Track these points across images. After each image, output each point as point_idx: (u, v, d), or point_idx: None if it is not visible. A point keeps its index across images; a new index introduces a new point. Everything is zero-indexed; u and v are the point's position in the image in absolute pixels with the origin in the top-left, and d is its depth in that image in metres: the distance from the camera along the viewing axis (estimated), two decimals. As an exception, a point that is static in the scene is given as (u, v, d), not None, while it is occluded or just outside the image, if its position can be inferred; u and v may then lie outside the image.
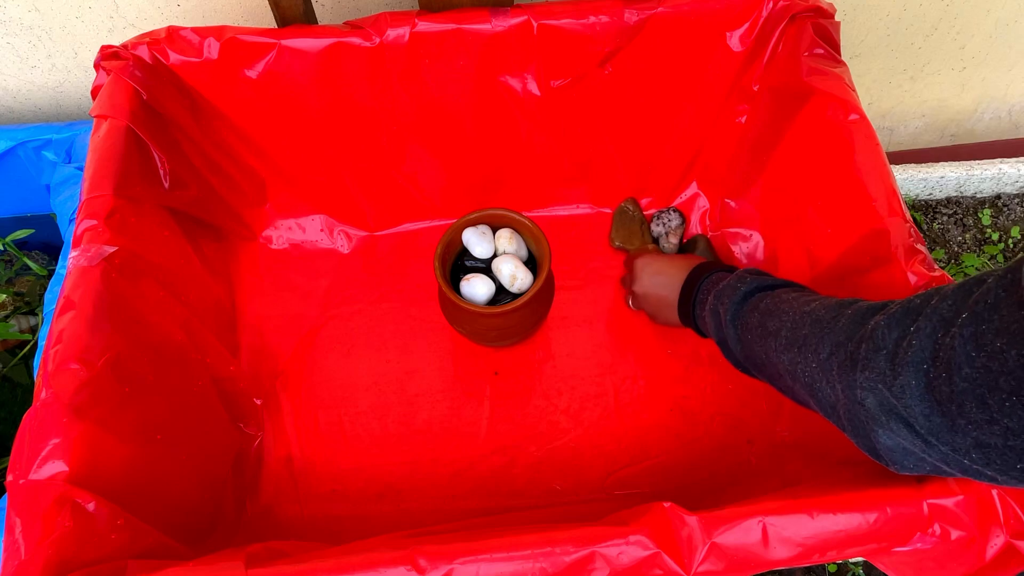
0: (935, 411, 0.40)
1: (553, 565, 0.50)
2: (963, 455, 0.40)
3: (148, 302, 0.68)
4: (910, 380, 0.41)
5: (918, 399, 0.40)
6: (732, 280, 0.65)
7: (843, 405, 0.48)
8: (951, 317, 0.39)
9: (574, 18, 0.75)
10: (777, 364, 0.56)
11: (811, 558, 0.51)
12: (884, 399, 0.43)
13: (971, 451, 0.39)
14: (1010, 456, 0.37)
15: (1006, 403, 0.35)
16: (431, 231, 0.95)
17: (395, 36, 0.74)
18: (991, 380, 0.36)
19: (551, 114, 0.84)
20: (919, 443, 0.42)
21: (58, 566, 0.50)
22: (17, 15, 0.84)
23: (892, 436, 0.44)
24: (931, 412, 0.40)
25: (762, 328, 0.58)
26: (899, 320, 0.43)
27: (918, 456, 0.44)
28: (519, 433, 0.83)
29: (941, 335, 0.39)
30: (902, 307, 0.44)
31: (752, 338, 0.59)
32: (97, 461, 0.55)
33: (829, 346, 0.49)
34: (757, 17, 0.76)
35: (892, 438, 0.44)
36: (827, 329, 0.50)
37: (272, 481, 0.80)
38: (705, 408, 0.84)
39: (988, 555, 0.52)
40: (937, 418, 0.40)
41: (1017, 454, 0.37)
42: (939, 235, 1.16)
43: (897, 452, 0.45)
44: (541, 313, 0.85)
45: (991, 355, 0.36)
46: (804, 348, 0.52)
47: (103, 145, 0.69)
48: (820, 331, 0.51)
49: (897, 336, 0.43)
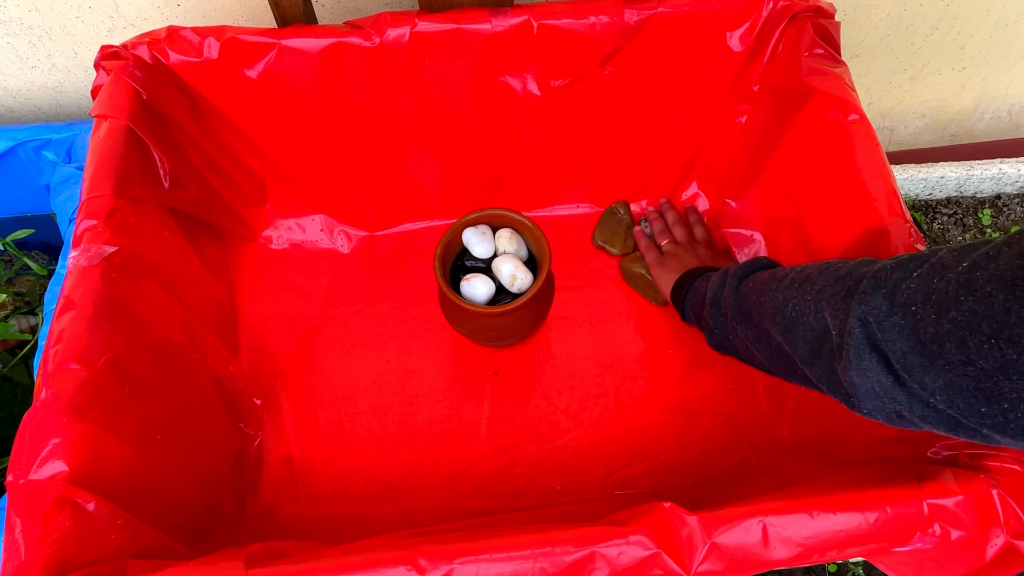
0: (915, 350, 0.42)
1: (553, 565, 0.50)
2: (930, 394, 0.42)
3: (148, 302, 0.68)
4: (899, 320, 0.43)
5: (903, 337, 0.43)
6: (749, 259, 0.69)
7: (820, 334, 0.51)
8: (951, 264, 0.41)
9: (574, 18, 0.75)
10: (766, 304, 0.59)
11: (811, 558, 0.51)
12: (871, 333, 0.45)
13: (939, 392, 0.41)
14: (977, 399, 0.39)
15: (984, 345, 0.37)
16: (431, 231, 0.95)
17: (395, 36, 0.74)
18: (974, 323, 0.38)
19: (551, 114, 0.84)
20: (890, 380, 0.44)
21: (58, 566, 0.50)
22: (17, 15, 0.84)
23: (863, 375, 0.46)
24: (910, 350, 0.42)
25: (771, 278, 0.60)
26: (904, 264, 0.45)
27: (881, 398, 0.46)
28: (519, 433, 0.83)
29: (937, 279, 0.41)
30: (910, 254, 0.47)
31: (755, 287, 0.62)
32: (97, 461, 0.55)
33: (828, 280, 0.51)
34: (757, 17, 0.76)
35: (863, 377, 0.46)
36: (833, 269, 0.53)
37: (272, 481, 0.80)
38: (705, 408, 0.84)
39: (988, 555, 0.52)
40: (916, 357, 0.42)
41: (985, 397, 0.39)
42: (939, 235, 1.16)
43: (860, 388, 0.47)
44: (541, 313, 0.85)
45: (979, 299, 0.38)
46: (804, 284, 0.54)
47: (103, 145, 0.69)
48: (826, 269, 0.53)
49: (898, 277, 0.45)
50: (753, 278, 0.64)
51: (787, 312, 0.55)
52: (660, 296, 0.89)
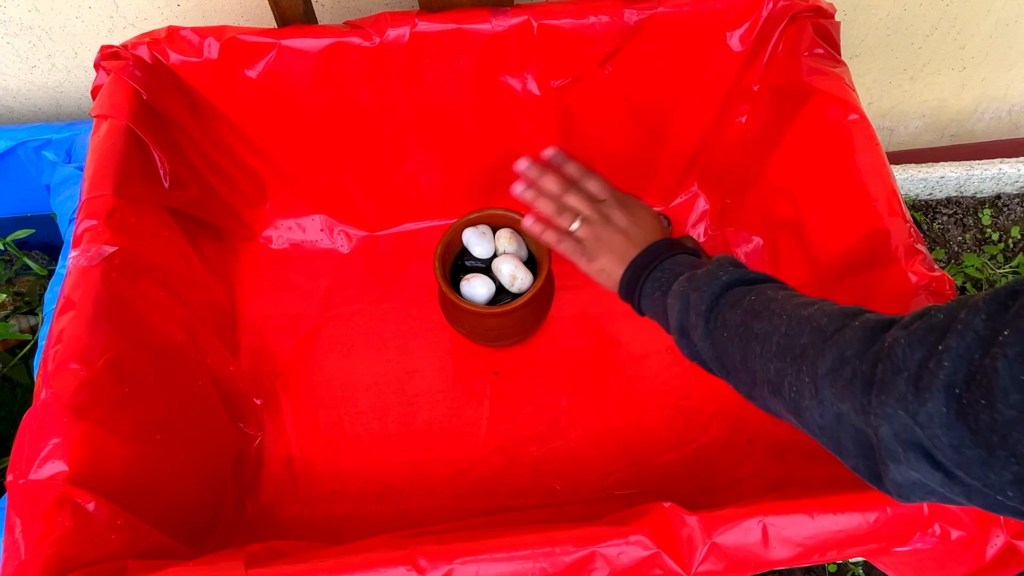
0: (967, 442, 0.35)
1: (553, 565, 0.50)
2: (997, 491, 0.35)
3: (148, 302, 0.68)
4: (939, 407, 0.36)
5: (946, 428, 0.36)
6: (712, 267, 0.58)
7: (844, 429, 0.43)
8: (989, 335, 0.35)
9: (574, 18, 0.75)
10: (756, 372, 0.51)
11: (811, 558, 0.51)
12: (904, 427, 0.38)
13: (1009, 487, 0.34)
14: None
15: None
16: (431, 231, 0.95)
17: (395, 36, 0.74)
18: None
19: (551, 114, 0.84)
20: (939, 476, 0.38)
21: (58, 566, 0.50)
22: (17, 15, 0.84)
23: (905, 472, 0.39)
24: (962, 443, 0.35)
25: (745, 328, 0.52)
26: (922, 338, 0.38)
27: (930, 488, 0.40)
28: (519, 433, 0.83)
29: (979, 356, 0.35)
30: (924, 323, 0.39)
31: (729, 336, 0.54)
32: (97, 461, 0.55)
33: (832, 360, 0.44)
34: (757, 17, 0.76)
35: (904, 473, 0.40)
36: (830, 341, 0.45)
37: (272, 481, 0.80)
38: (705, 408, 0.84)
39: (988, 555, 0.52)
40: (970, 450, 0.35)
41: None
42: (939, 235, 1.16)
43: (906, 487, 0.41)
44: (541, 313, 0.85)
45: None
46: (800, 360, 0.46)
47: (103, 145, 0.69)
48: (822, 342, 0.45)
49: (921, 356, 0.38)
50: (724, 325, 0.54)
51: (784, 391, 0.48)
52: None
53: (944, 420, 0.36)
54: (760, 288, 0.54)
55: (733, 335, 0.53)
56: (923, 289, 0.60)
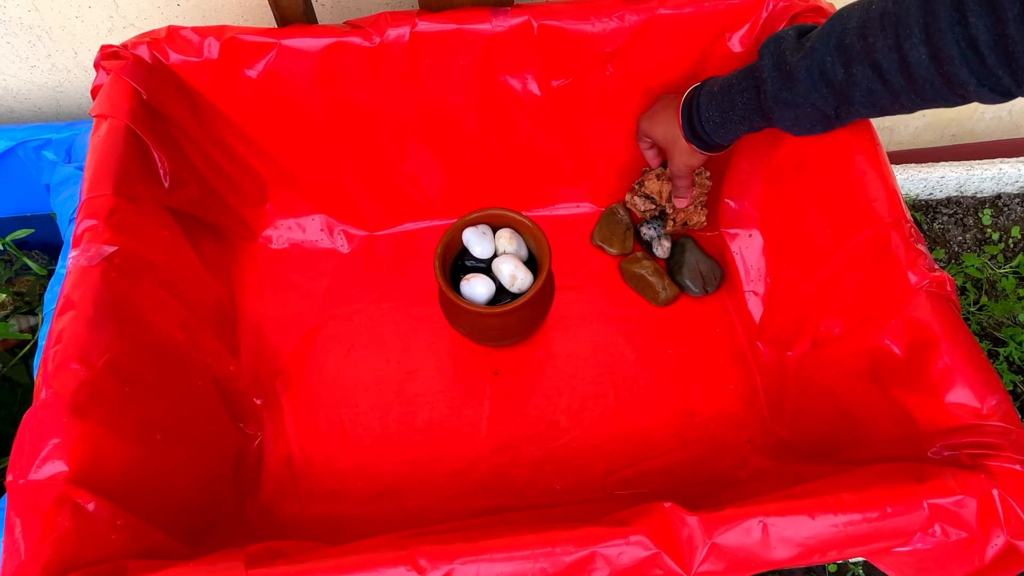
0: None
1: (553, 565, 0.50)
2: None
3: (148, 302, 0.68)
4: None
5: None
6: (776, 33, 0.65)
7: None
8: None
9: (574, 19, 0.75)
10: (864, 49, 0.55)
11: (811, 558, 0.51)
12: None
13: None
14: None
15: None
16: (431, 231, 0.95)
17: (395, 36, 0.74)
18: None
19: (552, 114, 0.84)
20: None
21: (58, 566, 0.50)
22: (17, 15, 0.84)
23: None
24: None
25: (864, 10, 0.56)
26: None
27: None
28: (519, 433, 0.83)
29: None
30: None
31: (855, 23, 0.57)
32: (97, 461, 0.55)
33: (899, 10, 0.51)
34: (757, 18, 0.76)
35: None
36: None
37: (272, 481, 0.80)
38: (705, 408, 0.84)
39: (988, 555, 0.52)
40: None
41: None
42: (939, 235, 1.16)
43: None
44: (541, 313, 0.85)
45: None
46: (883, 20, 0.53)
47: (103, 145, 0.69)
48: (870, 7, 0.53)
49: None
50: (819, 34, 0.60)
51: (897, 29, 0.53)
52: (660, 297, 0.89)
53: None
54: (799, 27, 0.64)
55: (853, 23, 0.57)
56: (923, 289, 0.60)
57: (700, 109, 0.70)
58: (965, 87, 0.52)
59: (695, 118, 0.71)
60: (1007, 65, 0.49)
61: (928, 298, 0.60)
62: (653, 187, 0.89)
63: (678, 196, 0.84)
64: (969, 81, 0.51)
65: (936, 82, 0.53)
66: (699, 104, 0.70)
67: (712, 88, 0.69)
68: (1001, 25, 0.47)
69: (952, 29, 0.50)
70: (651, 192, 0.90)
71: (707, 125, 0.70)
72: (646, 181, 0.90)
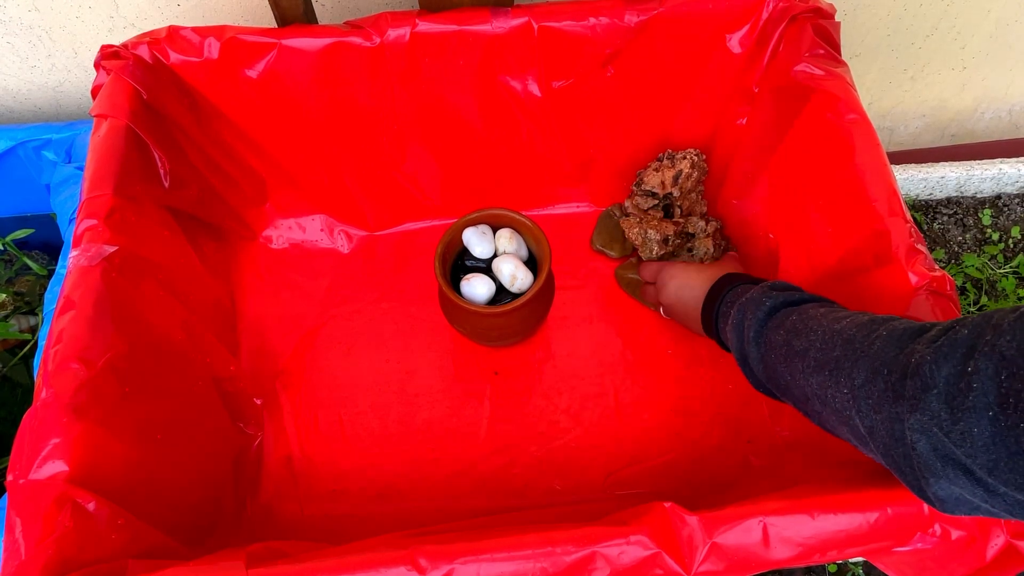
0: (1006, 461, 0.36)
1: (553, 565, 0.50)
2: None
3: (148, 302, 0.68)
4: (972, 427, 0.37)
5: (984, 448, 0.36)
6: (756, 293, 0.61)
7: (882, 440, 0.44)
8: (1015, 356, 0.35)
9: (575, 20, 0.75)
10: (804, 387, 0.52)
11: (811, 558, 0.51)
12: (940, 444, 0.39)
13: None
14: None
15: None
16: (431, 231, 0.95)
17: (395, 36, 0.74)
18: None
19: (552, 115, 0.84)
20: (980, 492, 0.38)
21: (58, 566, 0.50)
22: (17, 15, 0.84)
23: (947, 486, 0.40)
24: (999, 463, 0.36)
25: (787, 347, 0.54)
26: (947, 355, 0.39)
27: (974, 504, 0.40)
28: (519, 433, 0.83)
29: (1006, 378, 0.35)
30: (948, 340, 0.40)
31: (776, 358, 0.55)
32: (97, 461, 0.55)
33: (864, 372, 0.45)
34: (757, 18, 0.76)
35: (947, 488, 0.40)
36: (861, 352, 0.46)
37: (272, 481, 0.80)
38: (705, 408, 0.84)
39: (988, 555, 0.52)
40: (1009, 471, 0.36)
41: None
42: (939, 235, 1.16)
43: (950, 502, 0.41)
44: (541, 313, 0.85)
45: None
46: (836, 372, 0.47)
47: (103, 145, 0.69)
48: (853, 354, 0.46)
49: (948, 374, 0.38)
50: (770, 347, 0.56)
51: (830, 402, 0.49)
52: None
53: (980, 440, 0.36)
54: (803, 308, 0.56)
55: (779, 356, 0.55)
56: (923, 289, 0.60)
57: (722, 324, 0.68)
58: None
59: (718, 324, 0.69)
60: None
61: (928, 298, 0.60)
62: (653, 180, 0.88)
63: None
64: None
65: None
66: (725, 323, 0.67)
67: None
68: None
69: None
70: (652, 186, 0.88)
71: (721, 334, 0.69)
72: (645, 177, 0.89)
